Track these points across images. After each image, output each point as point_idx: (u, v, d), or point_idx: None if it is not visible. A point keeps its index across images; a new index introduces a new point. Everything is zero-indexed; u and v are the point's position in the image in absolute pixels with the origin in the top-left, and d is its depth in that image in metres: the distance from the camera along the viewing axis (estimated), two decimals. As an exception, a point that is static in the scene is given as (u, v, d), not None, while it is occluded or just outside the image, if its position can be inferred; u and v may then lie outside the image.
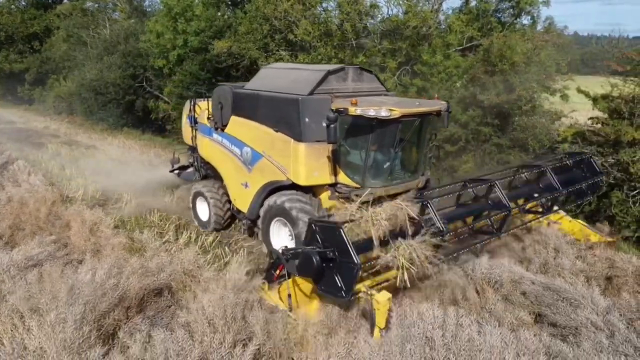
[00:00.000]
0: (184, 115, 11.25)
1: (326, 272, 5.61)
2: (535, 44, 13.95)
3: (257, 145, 8.36)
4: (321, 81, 7.75)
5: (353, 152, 7.71)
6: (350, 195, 7.21)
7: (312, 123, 7.54)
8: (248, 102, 8.61)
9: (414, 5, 14.73)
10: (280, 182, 7.92)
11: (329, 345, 4.70)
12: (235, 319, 5.29)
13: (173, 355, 4.42)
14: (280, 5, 16.04)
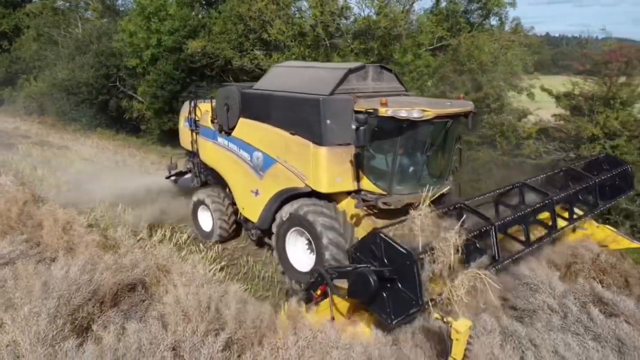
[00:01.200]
0: (182, 117, 10.68)
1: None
2: (502, 44, 14.42)
3: (270, 150, 7.76)
4: (342, 80, 7.17)
5: (378, 157, 7.16)
6: (377, 203, 6.85)
7: (334, 125, 6.95)
8: (259, 103, 8.03)
9: (385, 6, 15.01)
10: (297, 189, 7.33)
11: (297, 330, 4.89)
12: (209, 310, 5.44)
13: (146, 344, 4.56)
14: (254, 5, 16.16)
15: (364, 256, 5.19)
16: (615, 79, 11.11)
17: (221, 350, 4.62)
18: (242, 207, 8.69)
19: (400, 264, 4.81)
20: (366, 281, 4.87)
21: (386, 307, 4.95)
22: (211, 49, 17.34)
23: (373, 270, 4.92)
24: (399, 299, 4.86)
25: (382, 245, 4.99)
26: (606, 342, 5.01)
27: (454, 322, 4.58)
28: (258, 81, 8.63)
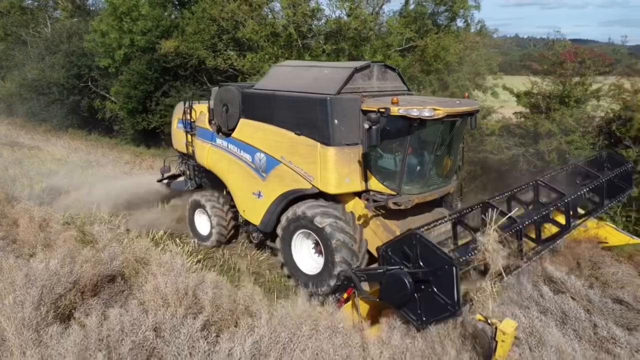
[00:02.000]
0: (175, 119, 10.45)
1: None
2: (467, 45, 15.05)
3: (274, 151, 7.58)
4: (348, 79, 7.04)
5: (387, 156, 7.11)
6: (387, 204, 6.74)
7: (341, 125, 6.85)
8: (261, 104, 7.83)
9: (355, 9, 15.47)
10: (303, 190, 7.20)
11: (271, 309, 5.25)
12: (187, 296, 5.75)
13: (128, 326, 4.84)
14: (227, 6, 16.41)
15: (396, 256, 5.11)
16: (570, 78, 11.80)
17: (200, 330, 4.95)
18: (242, 209, 8.47)
19: (438, 268, 4.70)
20: (401, 283, 4.82)
21: (417, 309, 4.88)
22: (185, 49, 17.49)
23: (408, 272, 4.86)
24: (432, 302, 4.77)
25: (418, 247, 4.89)
26: (551, 314, 5.54)
27: (500, 324, 4.52)
28: (259, 81, 8.53)
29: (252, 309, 5.56)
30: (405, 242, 5.03)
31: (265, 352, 4.47)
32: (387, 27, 16.48)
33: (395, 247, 5.13)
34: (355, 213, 7.09)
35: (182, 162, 10.57)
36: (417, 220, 7.03)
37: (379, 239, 6.78)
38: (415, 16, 16.61)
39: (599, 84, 11.81)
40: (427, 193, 7.14)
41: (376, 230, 6.98)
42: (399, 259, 5.07)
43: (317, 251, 7.28)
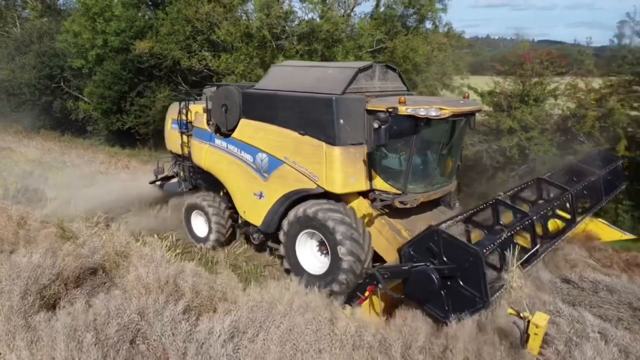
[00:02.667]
0: (169, 120, 10.27)
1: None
2: (433, 47, 15.69)
3: (276, 151, 7.54)
4: (352, 79, 7.08)
5: (392, 156, 7.12)
6: (394, 203, 6.81)
7: (346, 125, 6.87)
8: (263, 104, 7.77)
9: (327, 11, 15.93)
10: (308, 190, 7.19)
11: (247, 294, 5.64)
12: (168, 284, 6.08)
13: (113, 310, 5.16)
14: (202, 7, 16.65)
15: (420, 254, 5.16)
16: (529, 78, 12.51)
17: (182, 313, 5.30)
18: (243, 210, 8.40)
19: (463, 262, 4.73)
20: (428, 279, 4.85)
21: (444, 305, 4.92)
22: (159, 50, 17.65)
23: (435, 268, 4.90)
24: (459, 297, 4.81)
25: (442, 243, 4.93)
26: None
27: (533, 317, 4.54)
28: (259, 81, 8.48)
29: (230, 295, 5.93)
30: (429, 239, 5.07)
31: (243, 329, 4.86)
32: (358, 29, 17.03)
33: (418, 246, 5.19)
34: (359, 212, 7.12)
35: (176, 163, 10.41)
36: (420, 218, 7.24)
37: (384, 237, 6.94)
38: (385, 18, 17.19)
39: (556, 83, 12.55)
40: (431, 192, 7.24)
41: (381, 229, 7.06)
42: (422, 256, 5.12)
43: (321, 251, 7.29)
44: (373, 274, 5.47)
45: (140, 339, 4.88)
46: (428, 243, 5.07)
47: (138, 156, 19.12)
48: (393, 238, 6.85)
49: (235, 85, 8.95)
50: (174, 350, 4.70)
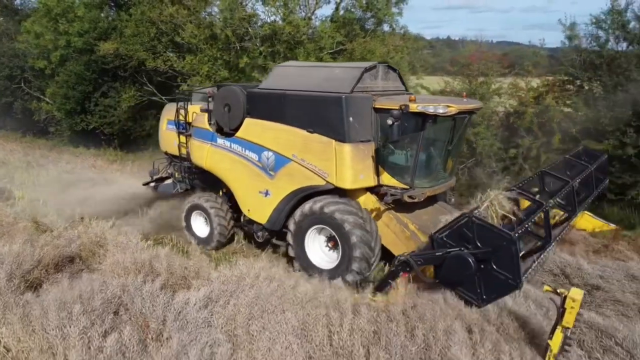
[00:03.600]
0: (164, 120, 10.22)
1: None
2: (390, 49, 16.63)
3: (284, 149, 7.66)
4: (359, 79, 7.31)
5: (399, 152, 7.38)
6: (403, 197, 7.06)
7: (355, 122, 7.08)
8: (269, 103, 7.91)
9: (288, 14, 16.63)
10: (317, 187, 7.34)
11: (218, 271, 6.30)
12: (144, 266, 6.65)
13: (97, 286, 5.70)
14: (166, 9, 17.03)
15: (453, 240, 5.37)
16: (476, 78, 13.60)
17: (159, 289, 5.89)
18: (247, 209, 8.46)
19: (497, 246, 4.96)
20: (465, 263, 5.08)
21: (477, 288, 5.16)
22: (124, 51, 17.89)
23: (470, 253, 5.12)
24: (492, 280, 5.03)
25: (475, 228, 5.13)
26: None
27: (569, 292, 4.73)
28: (263, 81, 8.65)
29: (202, 273, 6.57)
30: (463, 226, 5.29)
31: (215, 299, 5.50)
32: (319, 31, 17.78)
33: (452, 232, 5.39)
34: (366, 207, 7.35)
35: (171, 164, 10.39)
36: (424, 212, 7.68)
37: (391, 231, 7.25)
38: (344, 21, 17.99)
39: (500, 82, 13.69)
40: (436, 187, 7.58)
41: (388, 223, 7.32)
42: (455, 242, 5.32)
43: (329, 246, 7.47)
44: (407, 261, 5.62)
45: (122, 310, 5.44)
46: (462, 229, 5.28)
47: (104, 156, 19.30)
48: (401, 231, 7.16)
49: (239, 85, 9.11)
50: (154, 318, 5.30)
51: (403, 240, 7.02)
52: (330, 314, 4.85)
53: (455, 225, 5.37)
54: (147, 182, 11.33)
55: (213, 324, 4.99)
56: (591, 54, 12.29)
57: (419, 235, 6.92)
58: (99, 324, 5.04)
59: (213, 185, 9.29)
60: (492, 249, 5.00)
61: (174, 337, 4.78)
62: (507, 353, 4.33)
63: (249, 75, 17.18)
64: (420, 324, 4.67)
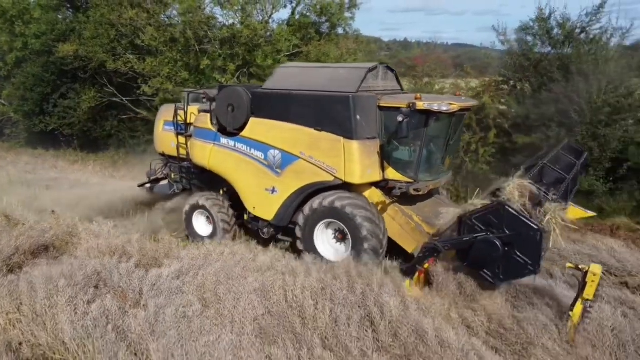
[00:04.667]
0: (160, 122, 10.33)
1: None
2: (343, 51, 17.68)
3: (291, 147, 7.91)
4: (364, 79, 7.65)
5: (403, 148, 7.69)
6: (409, 190, 7.43)
7: (362, 120, 7.41)
8: (275, 103, 8.16)
9: (245, 18, 17.39)
10: (325, 182, 7.63)
11: (187, 251, 7.06)
12: (118, 249, 7.33)
13: (77, 266, 6.35)
14: (126, 13, 17.44)
15: (481, 223, 5.74)
16: (421, 79, 14.77)
17: (134, 267, 6.60)
18: (253, 206, 8.66)
19: (525, 234, 5.36)
20: (493, 246, 5.47)
21: (495, 269, 5.58)
22: (84, 53, 18.15)
23: (497, 237, 5.50)
24: (511, 263, 5.46)
25: (506, 216, 5.49)
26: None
27: (590, 268, 5.18)
28: (266, 82, 8.87)
29: (172, 253, 7.32)
30: (493, 213, 5.64)
31: (185, 272, 6.27)
32: (276, 34, 18.62)
33: (481, 217, 5.73)
34: (372, 201, 7.66)
35: (167, 165, 10.49)
36: (425, 205, 8.18)
37: (397, 223, 7.61)
38: (300, 25, 18.93)
39: (442, 83, 14.92)
40: (437, 180, 8.02)
41: (394, 216, 7.68)
42: (482, 225, 5.71)
43: (336, 238, 7.78)
44: (435, 247, 5.97)
45: (102, 284, 6.13)
46: (492, 215, 5.63)
47: (64, 157, 19.45)
48: (406, 223, 7.56)
49: (242, 86, 9.42)
50: (132, 290, 6.02)
51: (409, 231, 7.48)
52: (286, 278, 5.73)
53: (486, 210, 5.72)
54: (142, 183, 11.41)
55: (185, 291, 5.76)
56: (520, 57, 13.65)
57: (424, 226, 7.44)
58: (82, 295, 5.73)
59: (212, 185, 9.48)
60: (518, 235, 5.44)
61: (150, 302, 5.53)
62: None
63: (209, 76, 17.80)
64: (359, 280, 5.64)
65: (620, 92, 12.17)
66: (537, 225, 5.38)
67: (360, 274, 5.83)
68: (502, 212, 5.54)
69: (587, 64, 12.61)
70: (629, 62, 13.06)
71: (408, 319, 4.78)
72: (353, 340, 4.55)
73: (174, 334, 4.71)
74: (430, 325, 4.69)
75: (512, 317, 5.13)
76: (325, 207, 7.47)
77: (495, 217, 5.58)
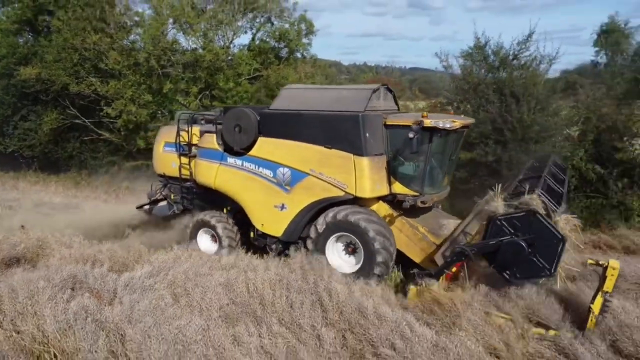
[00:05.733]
0: (161, 143, 10.39)
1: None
2: (301, 75, 18.77)
3: (301, 164, 8.16)
4: (370, 99, 7.99)
5: (407, 163, 8.05)
6: (417, 203, 7.76)
7: (371, 138, 7.75)
8: (284, 122, 8.43)
9: (207, 43, 18.26)
10: (335, 198, 7.90)
11: (156, 255, 7.72)
12: (90, 257, 7.87)
13: (53, 270, 6.88)
14: (89, 37, 17.96)
15: (508, 226, 6.08)
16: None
17: (107, 272, 7.18)
18: (261, 223, 8.77)
19: (547, 240, 5.81)
20: (519, 248, 5.87)
21: (512, 267, 6.01)
22: (46, 75, 18.46)
23: (523, 239, 5.89)
24: (529, 263, 5.89)
25: (534, 223, 5.88)
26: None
27: (609, 262, 5.58)
28: (273, 103, 9.12)
29: (142, 259, 7.92)
30: (522, 218, 6.01)
31: (156, 273, 6.90)
32: (237, 58, 19.56)
33: (510, 220, 6.08)
34: (380, 214, 8.01)
35: (166, 185, 10.54)
36: (427, 217, 8.56)
37: (404, 235, 7.93)
38: (260, 50, 19.97)
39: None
40: (439, 193, 8.42)
41: (401, 228, 7.99)
42: (508, 229, 6.07)
43: (346, 251, 7.99)
44: (463, 251, 6.21)
45: (78, 285, 6.69)
46: (520, 220, 6.01)
47: (24, 178, 19.48)
48: (413, 234, 7.89)
49: (247, 107, 9.90)
50: (107, 290, 6.60)
51: (416, 241, 7.83)
52: (248, 274, 6.49)
53: (516, 215, 6.10)
54: (141, 204, 11.36)
55: (157, 288, 6.39)
56: (461, 80, 15.08)
57: (429, 237, 7.80)
58: (61, 294, 6.27)
59: (214, 204, 9.59)
60: (541, 240, 5.87)
61: (125, 298, 6.14)
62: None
63: (172, 98, 18.50)
64: (311, 272, 6.47)
65: (548, 112, 13.71)
66: (562, 235, 5.85)
67: (313, 267, 6.67)
68: (532, 219, 5.94)
69: (518, 87, 14.14)
70: (553, 85, 14.68)
71: (352, 301, 5.64)
72: (305, 318, 5.36)
73: (150, 320, 5.36)
74: (371, 304, 5.57)
75: (445, 297, 6.04)
76: (339, 220, 7.73)
77: (522, 222, 5.99)
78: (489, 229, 6.19)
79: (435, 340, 5.14)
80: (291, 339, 5.09)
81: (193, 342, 5.02)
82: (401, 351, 4.85)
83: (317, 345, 5.02)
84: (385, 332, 5.11)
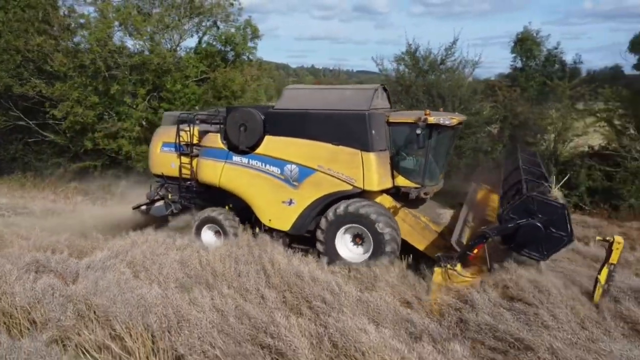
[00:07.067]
0: (158, 143, 10.50)
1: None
2: (247, 78, 19.58)
3: (308, 161, 8.53)
4: (372, 98, 8.52)
5: (409, 158, 8.66)
6: (420, 194, 8.43)
7: (376, 135, 8.24)
8: (291, 121, 8.74)
9: (154, 47, 18.70)
10: (343, 192, 8.31)
11: (114, 241, 8.40)
12: (49, 246, 8.44)
13: (15, 257, 7.43)
14: (32, 39, 17.94)
15: (518, 215, 6.52)
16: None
17: (67, 257, 7.81)
18: (268, 219, 9.03)
19: (554, 214, 6.32)
20: (536, 228, 6.34)
21: (539, 247, 6.47)
22: (-12, 77, 18.24)
23: (538, 220, 6.37)
24: (551, 239, 6.35)
25: (536, 203, 6.41)
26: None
27: (615, 238, 6.13)
28: (277, 102, 9.44)
29: (99, 247, 8.59)
30: (526, 203, 6.52)
31: (115, 255, 7.64)
32: (184, 61, 20.05)
33: (515, 209, 6.59)
34: (384, 206, 8.48)
35: (163, 185, 10.67)
36: (426, 207, 9.21)
37: (407, 224, 8.47)
38: (206, 53, 20.54)
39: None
40: (437, 185, 9.05)
41: (404, 218, 8.53)
42: (520, 216, 6.51)
43: (354, 242, 8.40)
44: (484, 233, 6.63)
45: (42, 269, 7.31)
46: (526, 206, 6.52)
47: (-35, 181, 19.12)
48: (416, 223, 8.47)
49: (251, 106, 10.27)
50: (69, 272, 7.28)
51: (419, 230, 8.38)
52: (200, 252, 7.38)
53: (516, 203, 6.67)
54: (138, 205, 11.48)
55: (117, 267, 7.17)
56: (394, 83, 16.48)
57: (431, 225, 8.46)
58: (27, 276, 6.91)
59: (216, 202, 9.80)
60: (550, 217, 6.40)
61: (89, 276, 6.88)
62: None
63: (119, 100, 18.74)
64: (257, 247, 7.45)
65: (471, 111, 15.32)
66: (561, 203, 6.55)
67: (258, 243, 7.66)
68: (533, 201, 6.50)
69: (444, 89, 15.70)
70: (475, 88, 16.38)
71: (291, 267, 6.68)
72: (251, 283, 6.33)
73: (115, 289, 6.15)
74: (307, 270, 6.63)
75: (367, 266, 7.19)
76: (350, 212, 8.13)
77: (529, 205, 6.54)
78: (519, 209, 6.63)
79: (359, 296, 6.25)
80: (239, 299, 6.04)
81: (154, 305, 5.86)
82: (330, 303, 5.92)
83: (261, 303, 6.00)
84: (318, 290, 6.17)
